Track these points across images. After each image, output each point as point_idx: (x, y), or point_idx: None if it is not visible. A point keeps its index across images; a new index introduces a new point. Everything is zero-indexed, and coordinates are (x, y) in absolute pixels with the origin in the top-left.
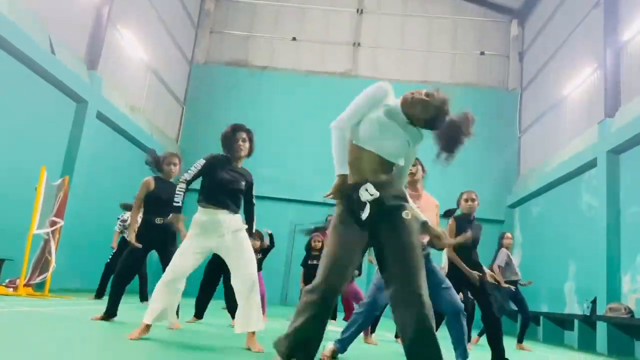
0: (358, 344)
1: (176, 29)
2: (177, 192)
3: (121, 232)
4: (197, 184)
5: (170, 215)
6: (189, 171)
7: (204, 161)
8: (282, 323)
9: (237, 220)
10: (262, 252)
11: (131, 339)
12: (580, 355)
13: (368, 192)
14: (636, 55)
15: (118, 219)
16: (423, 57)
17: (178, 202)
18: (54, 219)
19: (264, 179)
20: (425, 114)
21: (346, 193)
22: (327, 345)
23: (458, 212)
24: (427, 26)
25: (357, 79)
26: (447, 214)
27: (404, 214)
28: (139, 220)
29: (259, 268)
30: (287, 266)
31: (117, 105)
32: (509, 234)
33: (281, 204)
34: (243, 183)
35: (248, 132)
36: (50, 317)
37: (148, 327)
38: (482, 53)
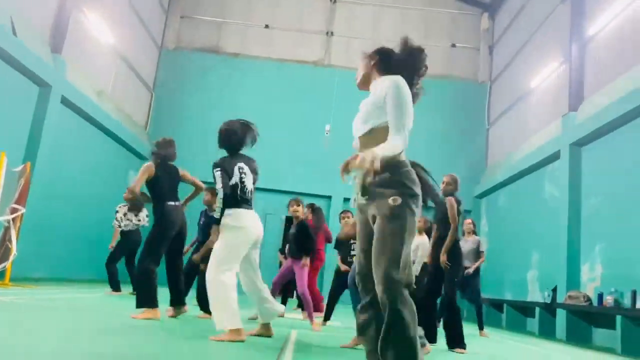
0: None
1: (145, 12)
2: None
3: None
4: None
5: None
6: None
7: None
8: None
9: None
10: None
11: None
12: (539, 341)
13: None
14: (600, 51)
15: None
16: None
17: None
18: (15, 206)
19: None
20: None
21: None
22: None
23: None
24: (399, 17)
25: (329, 68)
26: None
27: (390, 200)
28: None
29: None
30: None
31: (82, 90)
32: (468, 220)
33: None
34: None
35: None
36: (7, 306)
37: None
38: (454, 45)
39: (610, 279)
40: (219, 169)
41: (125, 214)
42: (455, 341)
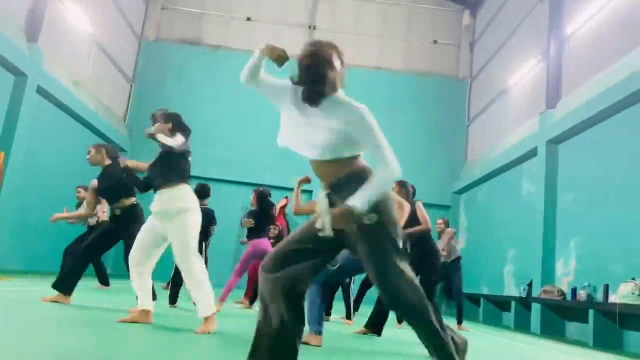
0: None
1: (125, 2)
2: None
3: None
4: None
5: None
6: None
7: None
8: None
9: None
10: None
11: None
12: (514, 334)
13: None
14: (578, 49)
15: None
16: (377, 43)
17: None
18: None
19: (214, 160)
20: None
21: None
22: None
23: None
24: (382, 13)
25: None
26: None
27: (366, 220)
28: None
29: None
30: (237, 248)
31: (59, 80)
32: (439, 220)
33: (232, 187)
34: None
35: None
36: None
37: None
38: (435, 41)
39: (584, 273)
40: None
41: None
42: None
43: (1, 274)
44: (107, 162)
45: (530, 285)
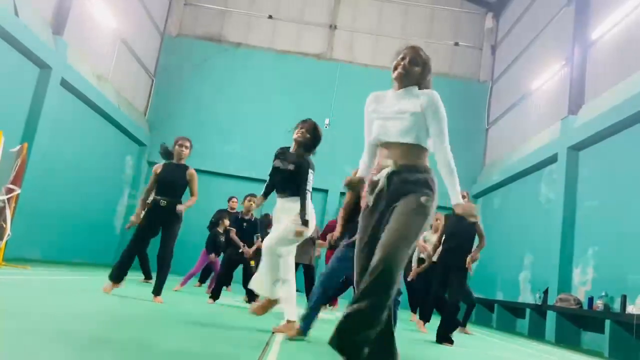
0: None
1: None
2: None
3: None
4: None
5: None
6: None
7: (274, 155)
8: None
9: (289, 202)
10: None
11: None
12: (528, 342)
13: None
14: (602, 55)
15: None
16: (398, 44)
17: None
18: (11, 186)
19: (231, 156)
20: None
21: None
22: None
23: None
24: (403, 13)
25: (331, 62)
26: None
27: (422, 199)
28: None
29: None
30: None
31: (82, 74)
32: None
33: (248, 183)
34: (290, 166)
35: (309, 124)
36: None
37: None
38: (457, 44)
39: (601, 283)
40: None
41: None
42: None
43: (20, 262)
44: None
45: (546, 292)
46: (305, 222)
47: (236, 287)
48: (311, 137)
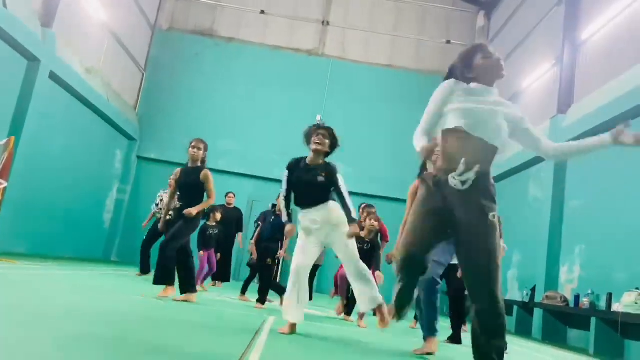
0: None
1: None
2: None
3: (154, 214)
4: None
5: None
6: (282, 186)
7: (286, 170)
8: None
9: (331, 212)
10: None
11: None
12: (516, 339)
13: (459, 180)
14: (592, 55)
15: (158, 199)
16: (390, 41)
17: (285, 218)
18: None
19: (222, 152)
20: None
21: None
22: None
23: None
24: (396, 11)
25: (323, 58)
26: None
27: (490, 216)
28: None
29: (211, 245)
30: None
31: (72, 67)
32: None
33: (239, 179)
34: (320, 178)
35: (327, 129)
36: None
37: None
38: (448, 42)
39: (588, 281)
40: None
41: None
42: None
43: (7, 256)
44: None
45: (533, 290)
46: (353, 220)
47: (234, 284)
48: (330, 143)
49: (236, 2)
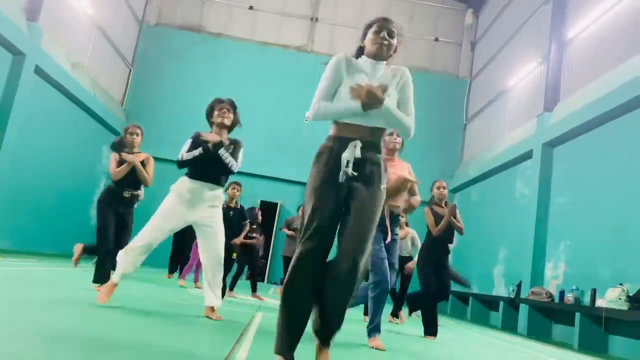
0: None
1: None
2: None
3: None
4: None
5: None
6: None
7: (190, 139)
8: None
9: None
10: None
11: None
12: (501, 334)
13: (354, 152)
14: (578, 54)
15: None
16: None
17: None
18: None
19: None
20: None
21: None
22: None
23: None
24: (385, 7)
25: (312, 54)
26: None
27: (381, 186)
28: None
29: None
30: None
31: (57, 61)
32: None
33: None
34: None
35: (230, 103)
36: None
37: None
38: (437, 39)
39: (572, 277)
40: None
41: None
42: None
43: None
44: None
45: (519, 286)
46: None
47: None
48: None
49: None
